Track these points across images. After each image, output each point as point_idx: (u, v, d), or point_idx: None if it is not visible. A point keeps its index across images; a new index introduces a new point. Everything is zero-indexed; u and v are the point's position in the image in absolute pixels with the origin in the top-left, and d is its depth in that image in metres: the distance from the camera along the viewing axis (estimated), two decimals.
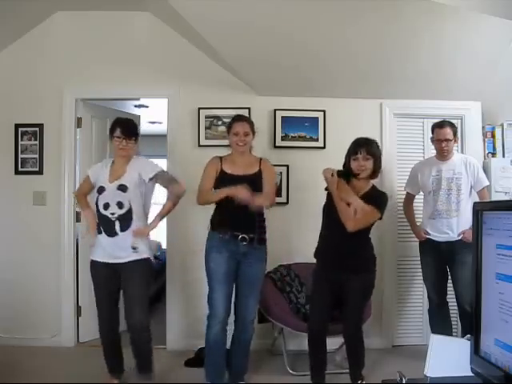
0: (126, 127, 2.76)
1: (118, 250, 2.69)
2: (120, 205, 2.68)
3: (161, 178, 2.81)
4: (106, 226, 2.71)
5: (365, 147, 2.71)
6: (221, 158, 2.89)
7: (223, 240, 2.74)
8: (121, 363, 2.88)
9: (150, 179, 2.76)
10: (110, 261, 2.70)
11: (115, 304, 2.80)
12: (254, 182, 2.73)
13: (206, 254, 2.81)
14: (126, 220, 2.69)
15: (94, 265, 2.78)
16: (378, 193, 2.79)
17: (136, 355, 2.75)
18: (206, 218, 2.92)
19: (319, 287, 2.81)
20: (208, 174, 2.83)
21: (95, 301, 2.81)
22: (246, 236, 2.72)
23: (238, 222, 2.72)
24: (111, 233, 2.69)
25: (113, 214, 2.68)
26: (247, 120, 2.96)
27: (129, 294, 2.70)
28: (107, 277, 2.73)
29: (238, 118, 2.93)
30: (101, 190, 2.74)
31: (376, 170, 2.75)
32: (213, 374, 2.79)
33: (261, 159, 2.89)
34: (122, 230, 2.68)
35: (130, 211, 2.69)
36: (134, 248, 2.67)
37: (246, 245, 2.73)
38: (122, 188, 2.69)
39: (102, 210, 2.71)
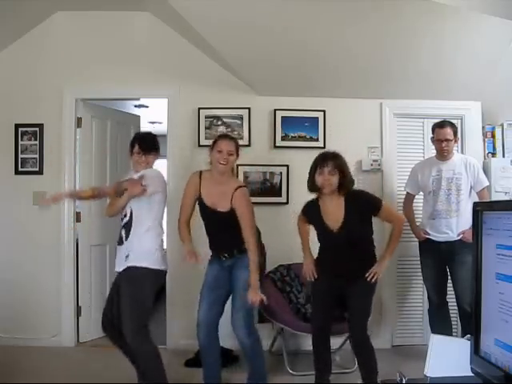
0: (144, 142, 2.75)
1: (120, 258, 2.69)
2: (124, 212, 2.69)
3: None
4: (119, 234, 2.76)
5: (331, 161, 2.62)
6: (200, 174, 2.81)
7: (213, 259, 2.89)
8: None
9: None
10: (117, 269, 2.70)
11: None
12: (226, 220, 2.73)
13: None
14: (128, 228, 2.67)
15: None
16: (361, 196, 2.72)
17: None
18: None
19: (320, 287, 2.79)
20: (187, 202, 2.83)
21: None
22: (226, 254, 2.82)
23: (217, 243, 2.84)
24: (119, 241, 2.72)
25: (122, 221, 2.72)
26: (233, 140, 2.87)
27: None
28: (115, 285, 2.73)
29: (224, 136, 2.90)
30: None
31: (343, 185, 2.65)
32: (208, 376, 2.84)
33: (236, 189, 2.70)
34: (126, 237, 2.68)
35: (131, 219, 2.67)
36: (126, 256, 2.63)
37: (228, 259, 2.82)
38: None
39: None
